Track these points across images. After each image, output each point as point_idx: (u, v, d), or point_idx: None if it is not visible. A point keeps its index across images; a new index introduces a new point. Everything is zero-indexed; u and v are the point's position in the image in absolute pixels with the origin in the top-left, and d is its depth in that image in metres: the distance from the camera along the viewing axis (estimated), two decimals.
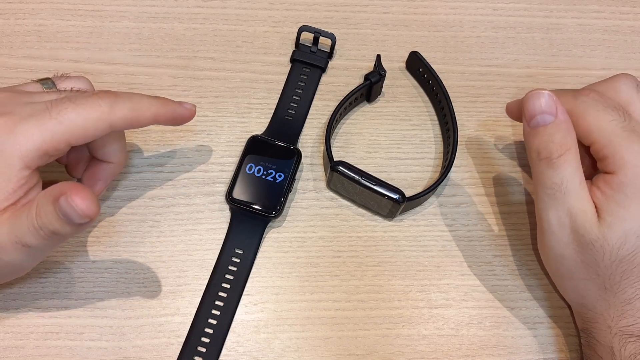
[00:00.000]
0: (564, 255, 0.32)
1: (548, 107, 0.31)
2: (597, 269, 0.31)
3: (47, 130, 0.28)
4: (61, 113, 0.28)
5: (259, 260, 0.37)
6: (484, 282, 0.37)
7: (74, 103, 0.29)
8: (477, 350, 0.36)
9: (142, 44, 0.42)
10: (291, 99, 0.41)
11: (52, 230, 0.27)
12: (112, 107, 0.29)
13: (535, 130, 0.32)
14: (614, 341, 0.31)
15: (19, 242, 0.27)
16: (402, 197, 0.35)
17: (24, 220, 0.27)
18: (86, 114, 0.29)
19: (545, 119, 0.31)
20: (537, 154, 0.32)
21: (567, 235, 0.32)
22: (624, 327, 0.31)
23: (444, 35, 0.45)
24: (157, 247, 0.36)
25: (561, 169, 0.31)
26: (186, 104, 0.33)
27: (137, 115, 0.30)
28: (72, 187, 0.26)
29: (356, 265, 0.37)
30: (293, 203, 0.38)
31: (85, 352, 0.34)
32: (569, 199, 0.31)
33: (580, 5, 0.46)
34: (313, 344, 0.35)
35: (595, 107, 0.31)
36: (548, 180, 0.31)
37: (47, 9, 0.43)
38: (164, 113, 0.32)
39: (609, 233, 0.30)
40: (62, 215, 0.26)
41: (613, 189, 0.30)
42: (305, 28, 0.42)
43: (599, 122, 0.31)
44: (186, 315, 0.35)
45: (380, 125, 0.41)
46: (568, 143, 0.31)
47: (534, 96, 0.32)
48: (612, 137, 0.30)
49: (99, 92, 0.30)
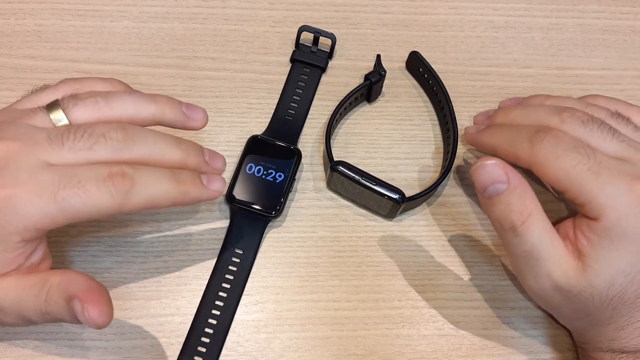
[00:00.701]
0: (550, 304, 0.32)
1: (498, 176, 0.30)
2: (587, 311, 0.31)
3: (48, 215, 0.26)
4: (66, 200, 0.26)
5: (259, 260, 0.37)
6: (484, 282, 0.37)
7: (83, 189, 0.26)
8: (477, 350, 0.36)
9: (142, 44, 0.42)
10: (291, 99, 0.41)
11: (59, 319, 0.27)
12: (125, 199, 0.27)
13: (490, 200, 0.30)
14: (605, 357, 0.32)
15: (21, 315, 0.27)
16: (402, 197, 0.35)
17: (31, 300, 0.27)
18: (93, 204, 0.26)
19: (497, 189, 0.30)
20: (499, 224, 0.30)
21: (552, 294, 0.31)
22: (617, 348, 0.31)
23: (444, 35, 0.45)
24: (157, 247, 0.36)
25: (527, 235, 0.29)
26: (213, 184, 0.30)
27: (151, 206, 0.28)
28: (88, 294, 0.26)
29: (356, 265, 0.37)
30: (293, 203, 0.38)
31: (85, 352, 0.34)
32: (544, 264, 0.30)
33: (580, 5, 0.46)
34: (313, 344, 0.35)
35: (555, 154, 0.29)
36: (517, 249, 0.30)
37: (47, 9, 0.43)
38: (182, 203, 0.29)
39: (596, 280, 0.29)
40: (73, 315, 0.26)
41: (598, 234, 0.29)
42: (305, 28, 0.42)
43: (565, 170, 0.29)
44: (186, 315, 0.35)
45: (380, 125, 0.41)
46: (528, 207, 0.29)
47: (479, 168, 0.30)
48: (583, 184, 0.29)
49: (114, 175, 0.26)
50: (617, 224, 0.28)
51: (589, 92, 0.43)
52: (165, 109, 0.30)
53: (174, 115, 0.30)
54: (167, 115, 0.30)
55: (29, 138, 0.27)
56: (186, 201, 0.29)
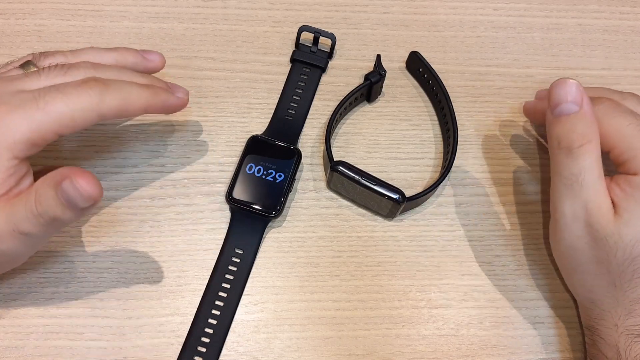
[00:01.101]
0: (575, 248, 0.32)
1: (574, 96, 0.31)
2: (608, 266, 0.31)
3: (35, 122, 0.27)
4: (49, 104, 0.28)
5: (259, 260, 0.37)
6: (484, 282, 0.37)
7: (62, 93, 0.28)
8: (477, 350, 0.36)
9: (142, 44, 0.42)
10: (291, 99, 0.41)
11: (53, 216, 0.27)
12: (102, 97, 0.29)
13: (558, 118, 0.31)
14: (620, 340, 0.31)
15: (16, 230, 0.27)
16: (402, 197, 0.35)
17: (22, 209, 0.27)
18: (75, 104, 0.28)
19: (569, 108, 0.31)
20: (557, 142, 0.31)
21: (581, 229, 0.31)
22: (631, 327, 0.31)
23: (444, 35, 0.45)
24: (157, 247, 0.36)
25: (580, 159, 0.31)
26: (178, 92, 0.33)
27: (127, 105, 0.30)
28: (75, 171, 0.26)
29: (356, 265, 0.37)
30: (293, 203, 0.38)
31: (85, 352, 0.34)
32: (586, 192, 0.31)
33: (580, 5, 0.46)
34: (313, 344, 0.35)
35: (612, 113, 0.32)
36: (566, 170, 0.31)
37: (47, 8, 0.43)
38: (155, 103, 0.31)
39: (625, 230, 0.30)
40: (65, 200, 0.26)
41: (633, 187, 0.30)
42: (305, 28, 0.42)
43: (618, 127, 0.31)
44: (186, 315, 0.35)
45: (380, 125, 0.41)
46: (590, 135, 0.31)
47: (560, 84, 0.31)
48: (632, 140, 0.31)
49: (88, 80, 0.29)
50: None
51: None
52: (125, 55, 0.34)
53: (133, 58, 0.34)
54: (129, 59, 0.34)
55: (6, 77, 0.30)
56: (157, 102, 0.31)
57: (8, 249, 0.28)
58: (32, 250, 0.30)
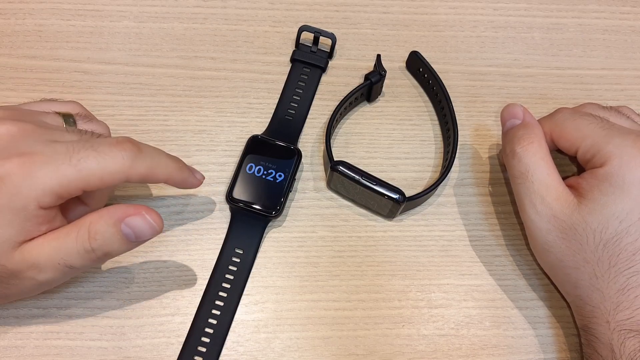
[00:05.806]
0: (549, 243, 0.33)
1: (516, 113, 0.35)
2: (584, 255, 0.32)
3: (65, 178, 0.27)
4: (81, 161, 0.27)
5: (259, 260, 0.37)
6: (484, 282, 0.37)
7: (96, 151, 0.28)
8: (477, 350, 0.36)
9: (142, 43, 0.42)
10: (291, 98, 0.41)
11: (107, 251, 0.28)
12: (134, 162, 0.29)
13: (506, 132, 0.36)
14: (613, 337, 0.31)
15: (63, 263, 0.28)
16: (402, 197, 0.35)
17: (72, 243, 0.28)
18: (106, 165, 0.28)
19: (513, 122, 0.35)
20: (506, 152, 0.35)
21: (547, 222, 0.33)
22: (621, 321, 0.31)
23: (444, 35, 0.45)
24: (157, 247, 0.36)
25: (525, 158, 0.33)
26: (197, 174, 0.33)
27: (153, 174, 0.30)
28: (137, 208, 0.28)
29: (356, 265, 0.37)
30: (293, 203, 0.38)
31: (85, 352, 0.34)
32: (538, 186, 0.33)
33: (580, 5, 0.46)
34: (313, 344, 0.35)
35: (572, 117, 0.34)
36: (515, 170, 0.34)
37: (47, 8, 0.43)
38: (176, 177, 0.31)
39: (590, 217, 0.31)
40: (127, 236, 0.28)
41: (598, 178, 0.32)
42: (306, 28, 0.42)
43: (579, 128, 0.33)
44: (186, 315, 0.35)
45: (380, 125, 0.41)
46: (532, 137, 0.34)
47: (507, 108, 0.36)
48: (594, 137, 0.33)
49: (123, 141, 0.29)
50: (619, 171, 0.31)
51: (589, 92, 0.43)
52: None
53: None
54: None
55: (46, 124, 0.30)
56: (178, 177, 0.32)
57: (48, 280, 0.29)
58: (65, 279, 0.30)
